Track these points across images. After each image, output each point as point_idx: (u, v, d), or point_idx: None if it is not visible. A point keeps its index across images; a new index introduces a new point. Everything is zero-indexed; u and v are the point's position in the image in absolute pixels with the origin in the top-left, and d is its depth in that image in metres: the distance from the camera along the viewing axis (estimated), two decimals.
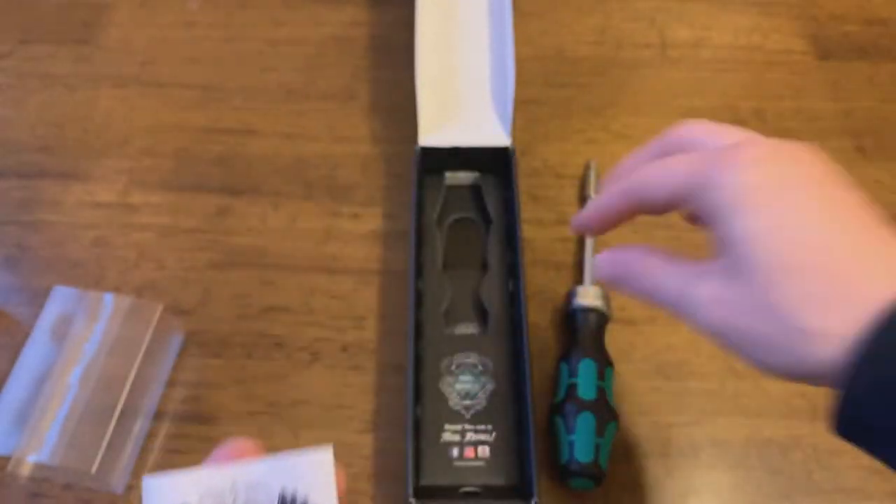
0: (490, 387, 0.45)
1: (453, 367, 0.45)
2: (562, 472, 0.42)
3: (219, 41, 0.63)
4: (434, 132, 0.51)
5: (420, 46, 0.53)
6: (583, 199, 0.54)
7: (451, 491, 0.42)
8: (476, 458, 0.43)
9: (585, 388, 0.43)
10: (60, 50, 0.62)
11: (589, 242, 0.51)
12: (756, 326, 0.26)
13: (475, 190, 0.53)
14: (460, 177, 0.53)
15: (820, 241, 0.25)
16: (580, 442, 0.41)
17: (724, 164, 0.26)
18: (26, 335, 0.45)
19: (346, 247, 0.52)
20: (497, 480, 0.42)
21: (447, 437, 0.43)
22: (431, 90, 0.52)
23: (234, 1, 0.65)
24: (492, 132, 0.52)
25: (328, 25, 0.64)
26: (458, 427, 0.43)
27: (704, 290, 0.27)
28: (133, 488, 0.43)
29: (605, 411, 0.42)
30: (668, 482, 0.44)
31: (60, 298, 0.45)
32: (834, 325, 0.24)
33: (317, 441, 0.45)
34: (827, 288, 0.24)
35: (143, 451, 0.45)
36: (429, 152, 0.51)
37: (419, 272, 0.48)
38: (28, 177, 0.55)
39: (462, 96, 0.53)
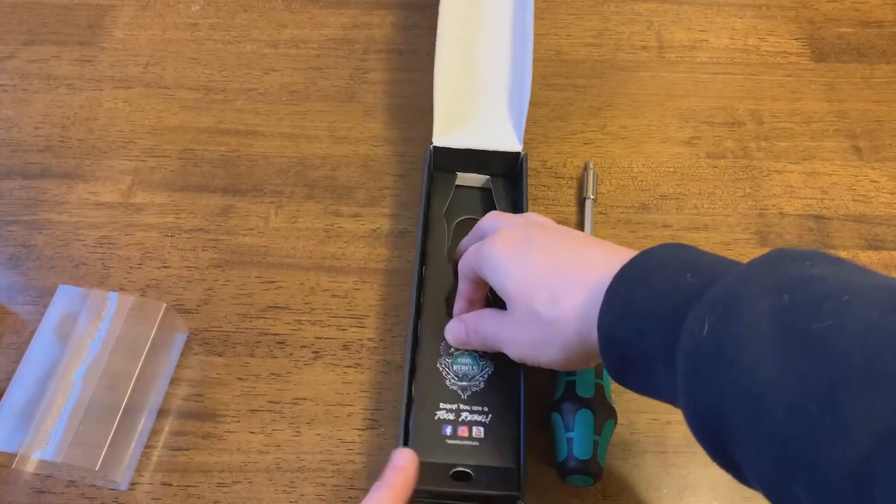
0: (489, 370, 0.45)
1: (452, 350, 0.46)
2: (560, 469, 0.42)
3: (221, 43, 0.63)
4: (448, 133, 0.52)
5: (441, 46, 0.53)
6: (581, 199, 0.55)
7: (442, 469, 0.41)
8: (470, 437, 0.43)
9: (584, 385, 0.43)
10: (64, 51, 0.63)
11: None
12: (534, 336, 0.37)
13: (485, 192, 0.53)
14: (471, 178, 0.53)
15: (544, 269, 0.37)
16: (578, 439, 0.42)
17: (485, 246, 0.40)
18: (31, 334, 0.45)
19: (348, 246, 0.53)
20: (490, 462, 0.42)
21: (442, 414, 0.43)
22: (448, 90, 0.52)
23: (235, 3, 0.66)
24: (505, 137, 0.52)
25: (329, 27, 0.64)
26: (454, 406, 0.44)
27: (506, 332, 0.40)
28: (137, 485, 0.44)
29: (604, 408, 0.43)
30: (666, 479, 0.44)
31: (65, 297, 0.46)
32: (568, 307, 0.35)
33: (319, 438, 0.46)
34: (556, 289, 0.36)
35: (147, 448, 0.45)
36: (441, 152, 0.51)
37: (424, 260, 0.49)
38: (32, 177, 0.56)
39: (478, 99, 0.53)
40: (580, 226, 0.53)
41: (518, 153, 0.51)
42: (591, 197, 0.54)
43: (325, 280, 0.51)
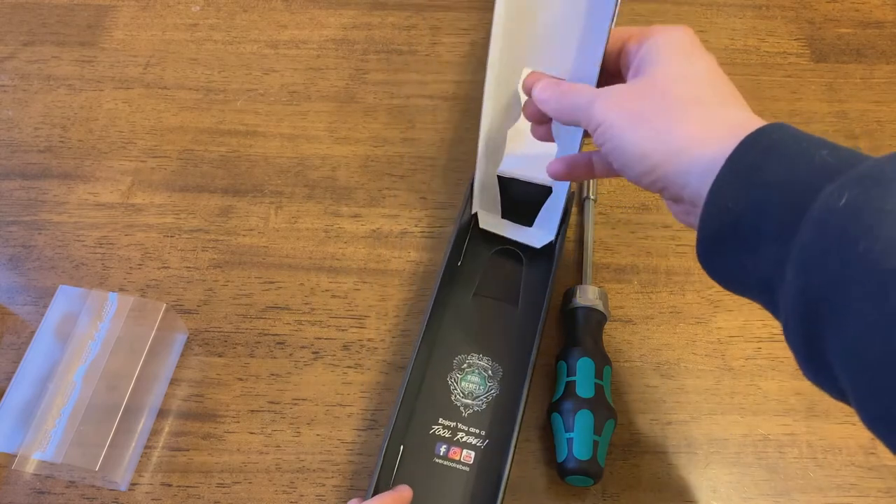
0: (494, 393, 0.45)
1: (464, 365, 0.46)
2: (560, 470, 0.42)
3: (221, 43, 0.63)
4: (485, 219, 0.51)
5: (487, 111, 0.45)
6: (582, 200, 0.54)
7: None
8: (460, 461, 0.43)
9: (584, 386, 0.44)
10: (64, 52, 0.63)
11: (589, 243, 0.52)
12: (643, 109, 0.34)
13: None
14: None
15: (706, 80, 0.34)
16: (578, 439, 0.42)
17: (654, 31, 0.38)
18: (31, 334, 0.45)
19: (347, 247, 0.53)
20: (475, 489, 0.42)
21: (438, 430, 0.44)
22: (487, 175, 0.49)
23: (235, 3, 0.66)
24: (540, 235, 0.51)
25: (329, 28, 0.64)
26: (452, 424, 0.44)
27: (613, 88, 0.36)
28: (137, 485, 0.44)
29: (604, 409, 0.43)
30: (666, 479, 0.44)
31: (65, 298, 0.46)
32: (703, 132, 0.32)
33: (319, 439, 0.46)
34: (705, 108, 0.33)
35: (147, 448, 0.45)
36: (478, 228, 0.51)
37: (458, 254, 0.49)
38: (32, 177, 0.56)
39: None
40: (581, 227, 0.53)
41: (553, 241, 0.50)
42: (592, 198, 0.54)
43: (325, 280, 0.51)
